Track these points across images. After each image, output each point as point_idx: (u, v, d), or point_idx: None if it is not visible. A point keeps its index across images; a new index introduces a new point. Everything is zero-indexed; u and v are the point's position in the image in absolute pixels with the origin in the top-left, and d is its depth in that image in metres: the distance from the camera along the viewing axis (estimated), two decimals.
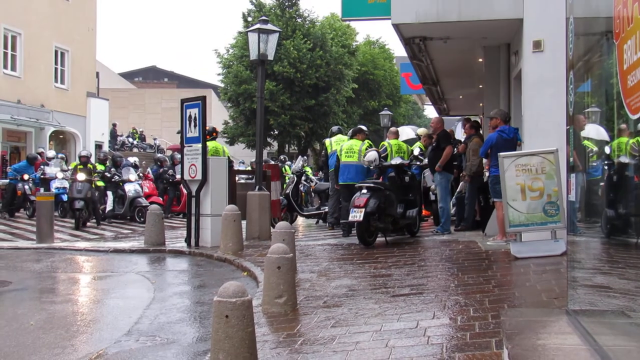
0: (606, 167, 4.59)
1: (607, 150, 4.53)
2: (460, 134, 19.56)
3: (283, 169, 22.26)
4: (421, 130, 17.11)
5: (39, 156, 23.08)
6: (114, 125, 41.86)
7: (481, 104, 19.24)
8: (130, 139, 42.58)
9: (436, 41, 13.60)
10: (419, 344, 5.44)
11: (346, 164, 13.34)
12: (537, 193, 9.28)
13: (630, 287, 3.95)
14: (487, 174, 11.96)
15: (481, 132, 13.97)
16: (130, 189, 19.38)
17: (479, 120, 16.76)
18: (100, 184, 19.64)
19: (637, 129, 3.70)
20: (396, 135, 14.67)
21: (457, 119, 37.56)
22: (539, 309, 6.10)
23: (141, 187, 20.29)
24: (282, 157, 29.78)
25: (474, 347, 5.17)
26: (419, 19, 11.93)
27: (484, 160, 12.11)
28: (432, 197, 14.06)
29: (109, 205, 19.43)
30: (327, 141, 14.95)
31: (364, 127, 14.74)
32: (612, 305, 4.33)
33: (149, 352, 6.11)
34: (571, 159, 5.23)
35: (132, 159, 24.06)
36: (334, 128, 16.01)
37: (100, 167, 20.19)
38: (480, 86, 17.63)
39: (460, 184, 13.50)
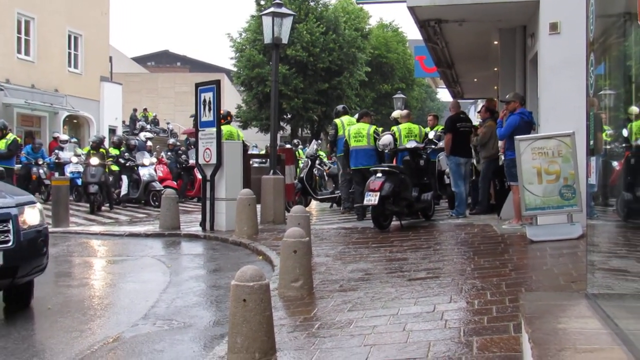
0: (623, 150, 4.55)
1: (624, 133, 4.49)
2: (473, 117, 19.49)
3: (296, 152, 22.23)
4: (396, 113, 17.05)
5: (41, 142, 23.16)
6: (134, 110, 41.99)
7: (496, 87, 19.14)
8: (143, 122, 42.66)
9: (451, 24, 13.51)
10: (436, 327, 5.43)
11: (356, 149, 13.32)
12: (553, 176, 9.22)
13: None
14: (502, 157, 11.90)
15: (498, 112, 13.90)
16: (144, 173, 19.40)
17: (495, 103, 16.68)
18: (115, 168, 19.69)
19: None
20: (408, 118, 14.63)
21: (471, 102, 37.44)
22: (557, 292, 6.07)
23: (155, 171, 20.33)
24: (295, 141, 29.75)
25: (491, 331, 5.15)
26: (434, 2, 11.86)
27: (499, 144, 12.05)
28: (447, 181, 14.02)
29: (124, 190, 19.46)
30: (338, 121, 14.81)
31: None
32: (630, 289, 4.30)
33: (165, 336, 6.13)
34: (591, 142, 5.18)
35: (142, 135, 24.16)
36: (339, 107, 15.81)
37: (114, 152, 20.24)
38: (496, 69, 17.52)
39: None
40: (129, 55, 63.98)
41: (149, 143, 23.36)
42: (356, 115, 15.20)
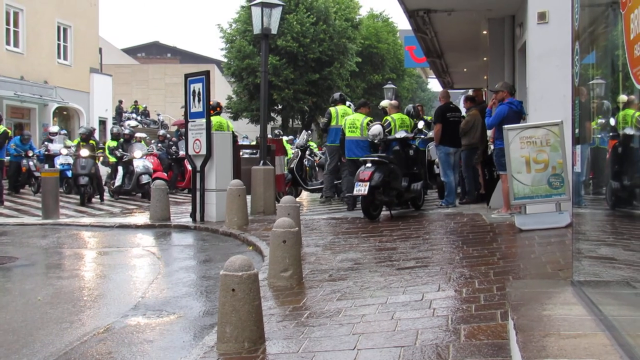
0: (611, 139, 4.58)
1: (612, 122, 4.52)
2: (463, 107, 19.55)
3: None
4: (384, 103, 17.06)
5: (30, 134, 23.07)
6: (120, 102, 41.81)
7: (486, 77, 19.16)
8: (134, 115, 42.54)
9: (440, 13, 13.54)
10: (425, 316, 5.46)
11: (350, 139, 13.45)
12: (541, 165, 9.26)
13: (634, 258, 3.96)
14: (492, 146, 11.95)
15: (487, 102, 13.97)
16: (138, 164, 19.26)
17: (483, 93, 16.73)
18: (112, 159, 19.64)
19: None
20: (398, 108, 14.65)
21: (461, 92, 37.53)
22: (544, 280, 6.11)
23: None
24: (276, 131, 29.70)
25: (479, 318, 5.19)
26: None
27: (489, 133, 12.09)
28: (437, 171, 14.07)
29: (118, 181, 19.34)
30: (333, 110, 14.80)
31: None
32: (617, 276, 4.35)
33: (155, 326, 6.15)
34: (577, 131, 5.21)
35: (127, 124, 24.12)
36: (336, 95, 15.74)
37: (113, 143, 20.16)
38: (485, 59, 17.54)
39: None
40: (118, 47, 63.75)
41: (138, 134, 23.29)
42: (348, 103, 15.30)
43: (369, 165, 11.36)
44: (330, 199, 14.83)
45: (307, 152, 18.29)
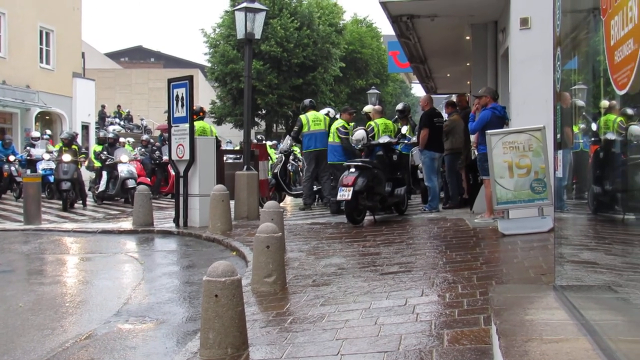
0: (592, 144, 4.61)
1: (594, 127, 4.55)
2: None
3: None
4: (368, 108, 17.16)
5: (11, 138, 22.98)
6: (103, 106, 41.63)
7: (469, 82, 19.25)
8: (117, 119, 42.36)
9: (424, 19, 13.58)
10: (408, 321, 5.47)
11: (329, 144, 13.79)
12: (524, 170, 9.32)
13: (616, 263, 3.98)
14: (475, 151, 12.00)
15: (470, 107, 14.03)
16: (123, 169, 19.11)
17: (467, 98, 16.79)
18: (98, 164, 19.53)
19: (623, 107, 3.71)
20: (381, 113, 14.70)
21: (445, 97, 37.68)
22: (526, 285, 6.13)
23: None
24: (258, 136, 29.69)
25: (462, 323, 5.19)
26: None
27: (472, 138, 12.14)
28: (420, 175, 14.11)
29: (102, 186, 19.22)
30: (303, 117, 14.80)
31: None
32: (599, 281, 4.36)
33: (138, 333, 6.11)
34: (558, 136, 5.24)
35: (111, 129, 24.02)
36: (306, 101, 15.73)
37: (98, 148, 20.06)
38: (468, 64, 17.62)
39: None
40: (101, 51, 63.54)
41: (122, 139, 23.22)
42: (323, 110, 15.46)
43: (352, 170, 11.37)
44: (310, 205, 14.90)
45: (291, 157, 18.28)
